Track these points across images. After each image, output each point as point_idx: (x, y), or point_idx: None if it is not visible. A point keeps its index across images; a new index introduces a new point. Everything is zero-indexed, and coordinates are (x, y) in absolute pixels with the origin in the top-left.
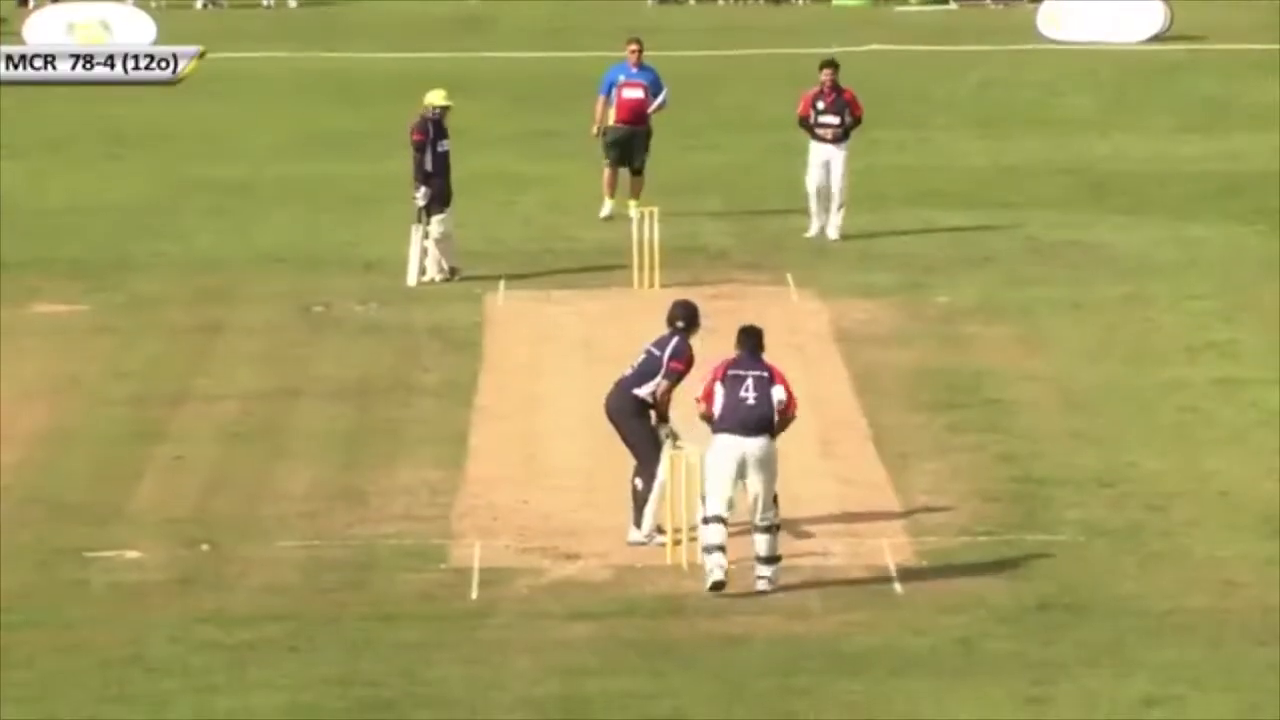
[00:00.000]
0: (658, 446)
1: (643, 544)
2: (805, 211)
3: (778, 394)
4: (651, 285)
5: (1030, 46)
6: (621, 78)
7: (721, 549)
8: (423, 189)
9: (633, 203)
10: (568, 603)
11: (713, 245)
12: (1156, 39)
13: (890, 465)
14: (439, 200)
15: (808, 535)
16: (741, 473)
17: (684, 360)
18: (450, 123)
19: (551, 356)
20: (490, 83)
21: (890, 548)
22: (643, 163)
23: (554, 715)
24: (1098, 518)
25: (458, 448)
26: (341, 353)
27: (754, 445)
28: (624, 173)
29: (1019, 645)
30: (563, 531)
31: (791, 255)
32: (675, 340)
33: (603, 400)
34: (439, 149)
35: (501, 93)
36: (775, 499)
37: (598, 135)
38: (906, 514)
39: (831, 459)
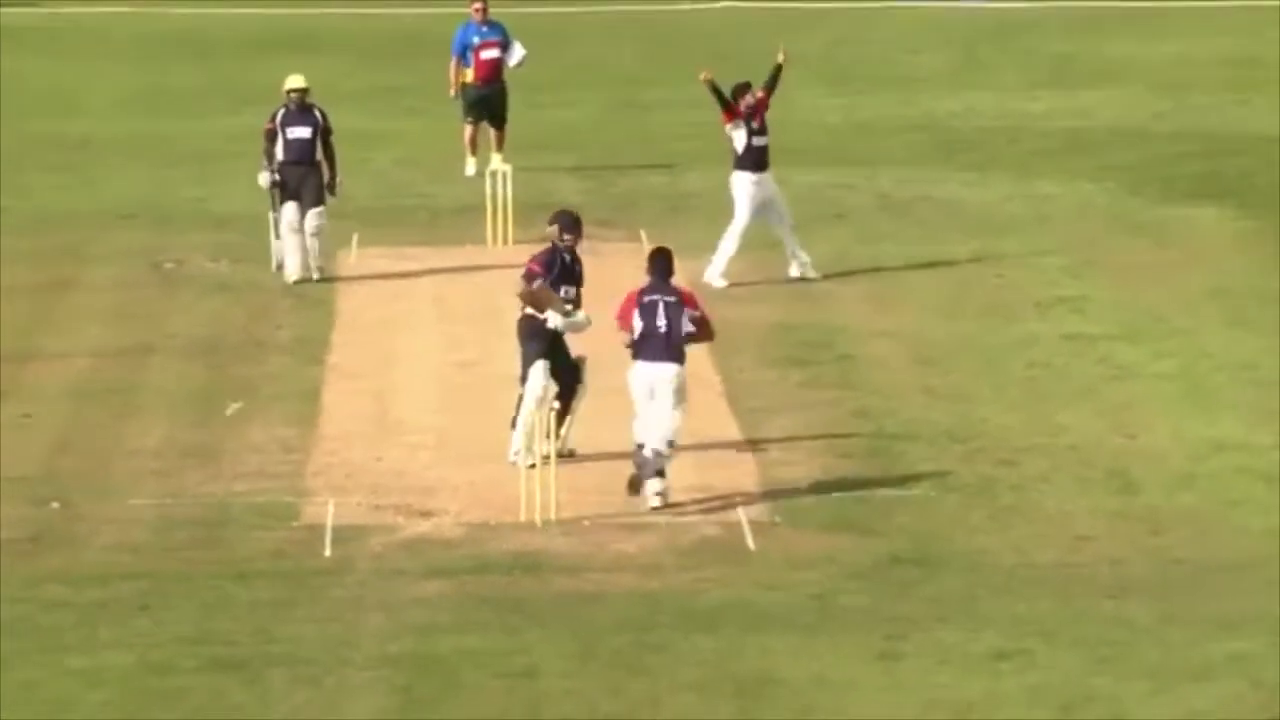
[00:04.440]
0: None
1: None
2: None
3: (688, 323)
4: (505, 242)
5: (882, 4)
6: (476, 39)
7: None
8: (263, 174)
9: (497, 155)
10: (422, 560)
11: (566, 202)
12: None
13: (743, 421)
14: (292, 192)
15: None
16: (651, 394)
17: (539, 262)
18: (325, 103)
19: (404, 314)
20: (339, 39)
21: (743, 504)
22: (504, 116)
23: (408, 673)
24: (949, 473)
25: (310, 405)
26: (193, 310)
27: (663, 371)
28: (485, 128)
29: (871, 600)
30: (416, 489)
31: (645, 212)
32: (545, 248)
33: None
34: (288, 135)
35: (350, 49)
36: (681, 416)
37: (456, 97)
38: (760, 470)
39: (686, 416)
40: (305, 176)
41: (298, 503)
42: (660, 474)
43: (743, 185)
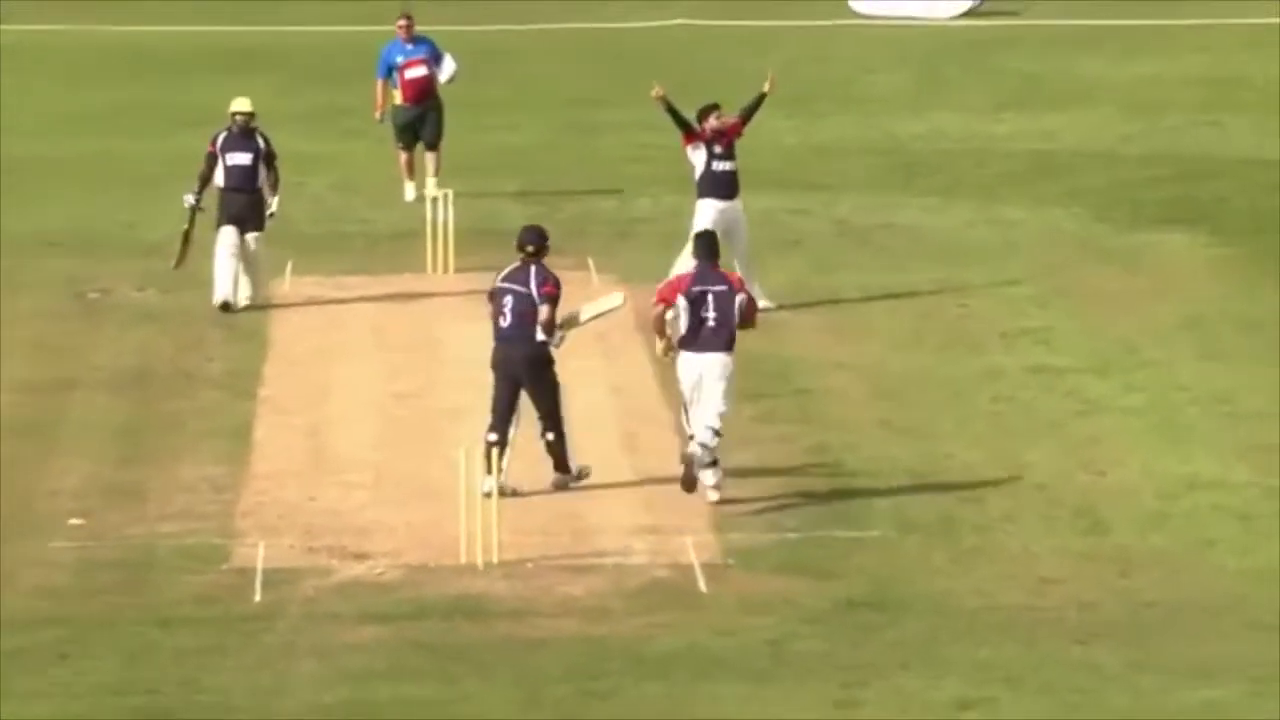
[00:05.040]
0: (559, 394)
1: (576, 479)
2: None
3: (738, 304)
4: (446, 269)
5: (841, 22)
6: (400, 58)
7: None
8: (189, 195)
9: (432, 180)
10: (357, 604)
11: (511, 228)
12: (970, 14)
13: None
14: (232, 217)
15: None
16: (701, 386)
17: (554, 283)
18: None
19: (340, 345)
20: (277, 57)
21: (695, 545)
22: (437, 137)
23: None
24: (910, 512)
25: (241, 442)
26: (118, 341)
27: (712, 361)
28: (420, 151)
29: (828, 646)
30: (351, 530)
31: (593, 239)
32: (534, 268)
33: (492, 352)
34: (228, 161)
35: (288, 67)
36: (728, 405)
37: (381, 121)
38: (712, 509)
39: (634, 453)
40: (245, 205)
41: (227, 545)
42: (714, 464)
43: (704, 213)
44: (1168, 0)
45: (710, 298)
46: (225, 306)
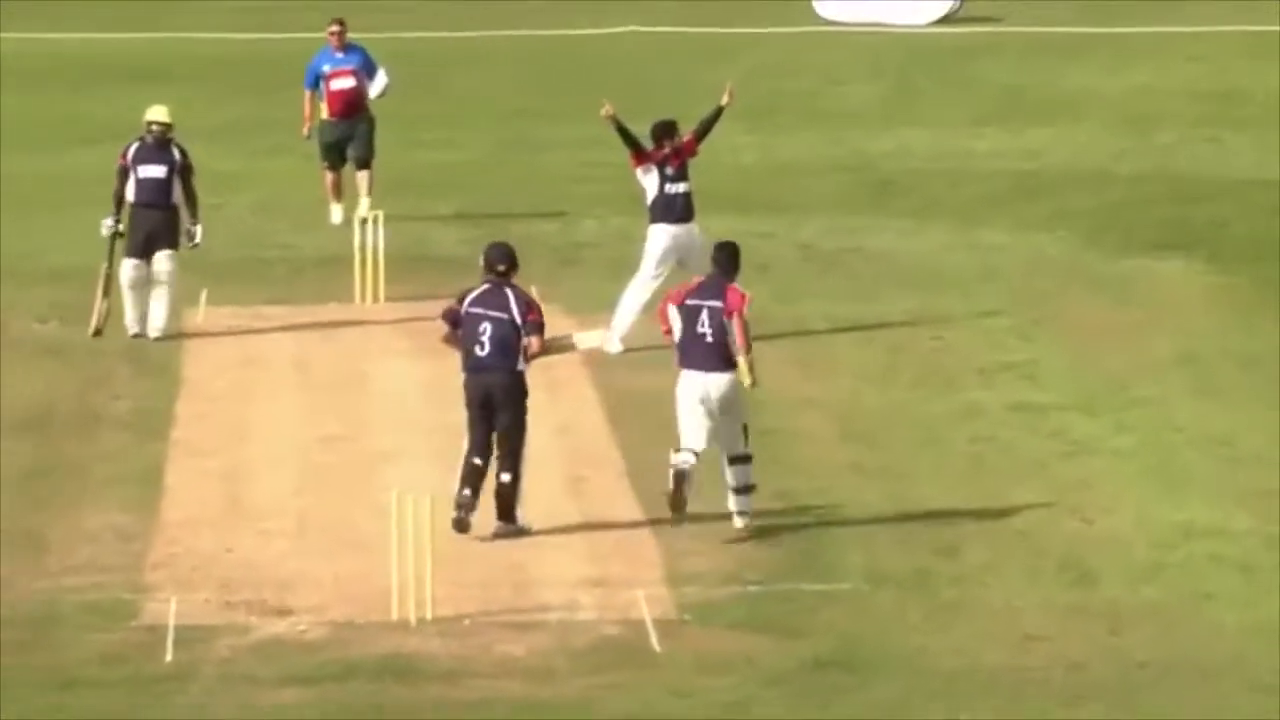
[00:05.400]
0: (525, 433)
1: (519, 534)
2: None
3: (727, 328)
4: (375, 299)
5: (806, 28)
6: (327, 67)
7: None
8: (107, 220)
9: (365, 200)
10: (277, 665)
11: (445, 253)
12: (946, 20)
13: (648, 505)
14: (138, 243)
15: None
16: (708, 407)
17: (537, 309)
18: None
19: (259, 381)
20: (190, 67)
21: (647, 599)
22: (368, 154)
23: None
24: (883, 563)
25: (151, 487)
26: (17, 378)
27: (717, 381)
28: (349, 170)
29: (793, 709)
30: (272, 583)
31: (536, 265)
32: (512, 292)
33: (465, 383)
34: (140, 174)
35: (203, 78)
36: (745, 429)
37: (309, 137)
38: (666, 560)
39: (581, 497)
40: (159, 223)
41: (136, 600)
42: (749, 489)
43: (657, 239)
44: (1161, 3)
45: (705, 313)
46: (138, 338)
